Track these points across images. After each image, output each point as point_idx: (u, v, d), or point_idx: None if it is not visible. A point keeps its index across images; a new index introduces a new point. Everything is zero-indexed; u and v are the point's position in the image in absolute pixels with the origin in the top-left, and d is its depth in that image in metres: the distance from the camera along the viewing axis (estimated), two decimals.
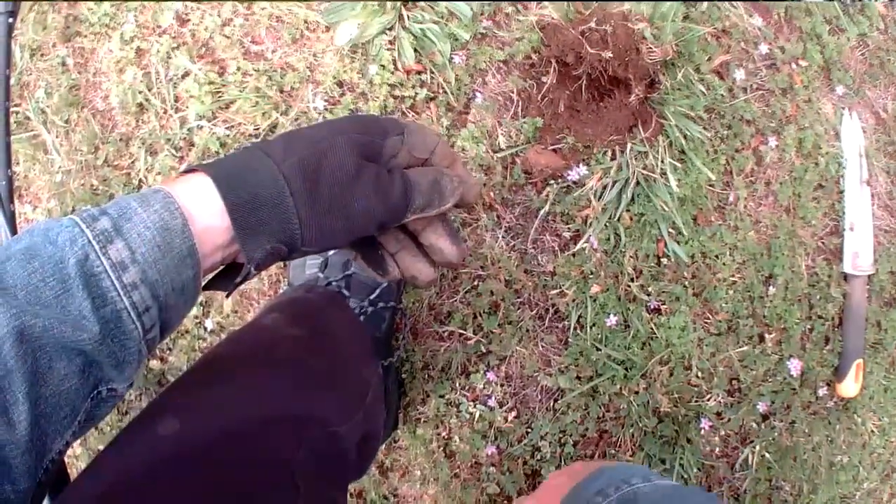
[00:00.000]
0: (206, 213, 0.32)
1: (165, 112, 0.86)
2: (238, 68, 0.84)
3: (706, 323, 0.74)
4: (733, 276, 0.75)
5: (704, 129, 0.74)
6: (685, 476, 0.74)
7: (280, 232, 0.33)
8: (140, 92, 0.87)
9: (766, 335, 0.76)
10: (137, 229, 0.30)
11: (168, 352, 0.81)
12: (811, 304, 0.78)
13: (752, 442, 0.77)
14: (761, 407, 0.76)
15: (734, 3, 0.82)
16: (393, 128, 0.37)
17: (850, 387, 0.80)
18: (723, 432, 0.76)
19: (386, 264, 0.40)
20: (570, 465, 0.57)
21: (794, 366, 0.76)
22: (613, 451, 0.72)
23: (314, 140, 0.35)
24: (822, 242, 0.80)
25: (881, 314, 0.82)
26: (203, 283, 0.35)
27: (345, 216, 0.34)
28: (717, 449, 0.76)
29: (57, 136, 0.92)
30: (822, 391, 0.80)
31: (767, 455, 0.77)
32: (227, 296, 0.36)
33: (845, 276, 0.81)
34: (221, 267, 0.36)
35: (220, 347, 0.49)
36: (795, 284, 0.77)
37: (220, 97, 0.83)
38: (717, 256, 0.74)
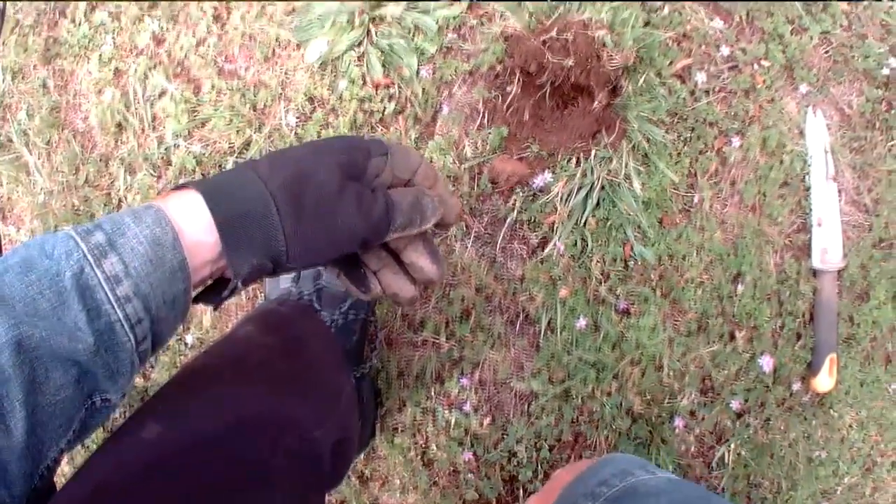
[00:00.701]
0: (196, 228, 0.33)
1: (143, 131, 0.88)
2: (213, 87, 0.85)
3: (676, 323, 0.75)
4: (701, 276, 0.76)
5: (667, 132, 0.76)
6: None
7: (266, 248, 0.35)
8: (118, 112, 0.89)
9: (737, 333, 0.77)
10: (131, 244, 0.31)
11: (150, 369, 0.82)
12: (781, 301, 0.79)
13: (727, 440, 0.77)
14: (735, 405, 0.77)
15: (695, 7, 0.84)
16: (377, 148, 0.39)
17: (824, 382, 0.81)
18: (697, 431, 0.76)
19: (368, 282, 0.42)
20: (575, 463, 0.58)
21: (767, 363, 0.77)
22: (589, 454, 0.73)
23: (300, 160, 0.36)
24: (790, 239, 0.81)
25: (853, 308, 0.83)
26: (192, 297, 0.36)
27: (328, 233, 0.36)
28: (693, 448, 0.76)
29: (39, 158, 0.93)
30: (796, 387, 0.80)
31: (744, 453, 0.78)
32: (215, 309, 0.38)
33: (814, 272, 0.82)
34: (210, 282, 0.37)
35: (198, 359, 0.51)
36: (764, 282, 0.78)
37: (195, 115, 0.85)
38: (683, 257, 0.75)
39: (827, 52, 0.89)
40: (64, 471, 0.83)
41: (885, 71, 0.90)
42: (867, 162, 0.87)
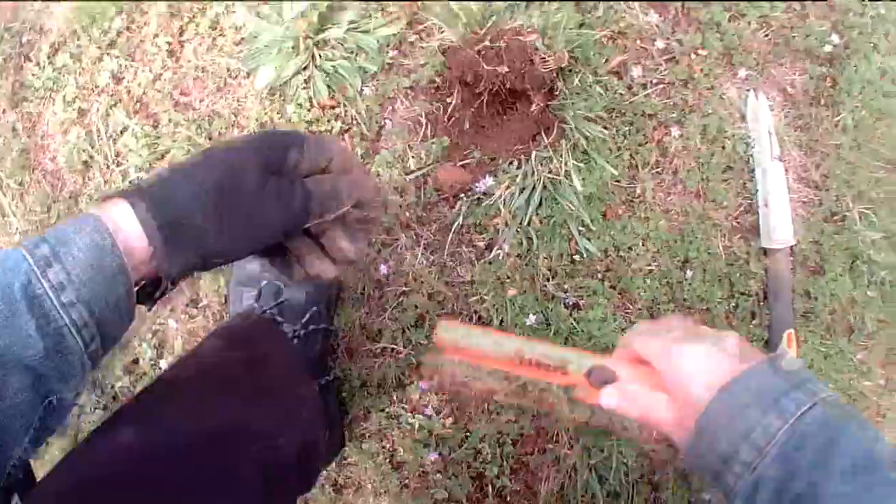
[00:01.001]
0: (130, 233, 0.36)
1: (108, 167, 0.91)
2: (170, 120, 0.89)
3: (626, 312, 0.77)
4: (649, 265, 0.78)
5: (605, 128, 0.78)
6: (625, 462, 0.76)
7: (194, 246, 0.37)
8: (84, 150, 0.93)
9: (690, 317, 0.79)
10: (72, 252, 0.34)
11: (130, 393, 0.85)
12: (732, 283, 0.81)
13: None
14: None
15: (631, 4, 0.86)
16: (293, 140, 0.41)
17: None
18: None
19: (294, 267, 0.45)
20: (694, 326, 0.43)
21: None
22: (552, 446, 0.75)
23: (223, 159, 0.39)
24: (737, 222, 0.83)
25: (808, 283, 0.85)
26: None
27: (252, 228, 0.39)
28: (655, 433, 0.78)
29: (13, 199, 0.97)
30: None
31: None
32: (150, 309, 0.41)
33: (765, 252, 0.83)
34: (146, 282, 0.39)
35: (167, 372, 0.55)
36: (713, 265, 0.80)
37: (155, 148, 0.88)
38: (630, 248, 0.77)
39: (766, 35, 0.91)
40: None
41: (828, 48, 0.91)
42: (813, 138, 0.89)
